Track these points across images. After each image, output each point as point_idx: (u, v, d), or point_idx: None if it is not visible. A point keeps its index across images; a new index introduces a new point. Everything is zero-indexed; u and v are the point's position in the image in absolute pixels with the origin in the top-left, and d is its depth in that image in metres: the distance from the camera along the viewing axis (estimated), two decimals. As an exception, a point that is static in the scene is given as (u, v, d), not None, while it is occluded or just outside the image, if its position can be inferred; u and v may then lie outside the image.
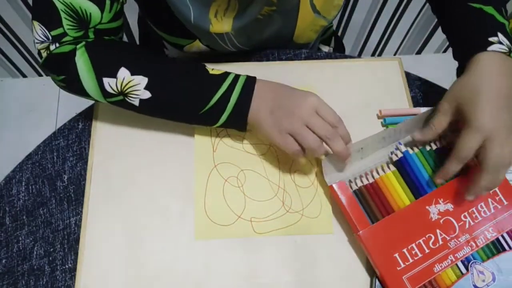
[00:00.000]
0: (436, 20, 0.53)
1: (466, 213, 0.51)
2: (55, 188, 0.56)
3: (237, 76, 0.53)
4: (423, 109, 0.60)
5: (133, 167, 0.56)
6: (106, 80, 0.50)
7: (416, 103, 0.63)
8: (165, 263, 0.51)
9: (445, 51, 1.60)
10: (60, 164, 0.57)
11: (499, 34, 0.50)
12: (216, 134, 0.58)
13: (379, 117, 0.61)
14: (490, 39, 0.49)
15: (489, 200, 0.52)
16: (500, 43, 0.49)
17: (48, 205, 0.55)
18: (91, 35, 0.51)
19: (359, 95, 0.55)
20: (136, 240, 0.52)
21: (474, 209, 0.51)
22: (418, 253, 0.49)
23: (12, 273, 0.52)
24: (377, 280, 0.50)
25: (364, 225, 0.50)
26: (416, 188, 0.52)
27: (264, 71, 0.63)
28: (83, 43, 0.50)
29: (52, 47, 0.49)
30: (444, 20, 0.59)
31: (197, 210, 0.54)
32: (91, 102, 0.60)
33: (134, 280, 0.50)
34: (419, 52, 1.60)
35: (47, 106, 1.51)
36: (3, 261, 0.52)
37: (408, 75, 0.65)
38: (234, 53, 0.67)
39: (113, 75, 0.49)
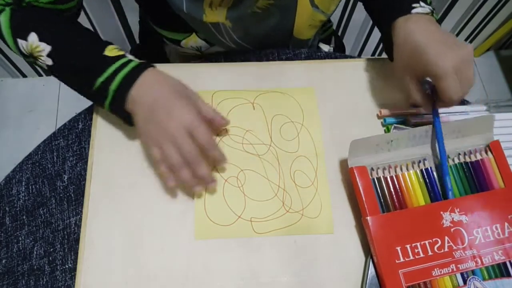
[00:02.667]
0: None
1: (479, 230, 0.51)
2: (55, 188, 0.56)
3: (128, 62, 0.51)
4: (423, 109, 0.60)
5: (133, 167, 0.56)
6: (19, 42, 0.53)
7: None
8: (165, 263, 0.51)
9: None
10: (60, 164, 0.57)
11: (421, 2, 0.54)
12: (216, 134, 0.58)
13: (379, 117, 0.61)
14: (413, 5, 0.53)
15: (506, 224, 0.51)
16: (422, 7, 0.53)
17: (48, 205, 0.55)
18: (24, 4, 0.53)
19: (359, 95, 0.55)
20: (136, 240, 0.52)
21: (488, 228, 0.51)
22: (421, 252, 0.49)
23: (12, 273, 0.52)
24: (371, 261, 0.50)
25: (374, 212, 0.50)
26: (435, 196, 0.52)
27: (264, 71, 0.63)
28: (12, 6, 0.53)
29: None
30: None
31: (197, 210, 0.54)
32: (91, 101, 0.60)
33: (134, 280, 0.50)
34: (419, 52, 1.60)
35: (47, 106, 1.50)
36: (3, 261, 0.52)
37: (408, 75, 0.65)
38: (234, 51, 0.67)
39: (25, 38, 0.52)
